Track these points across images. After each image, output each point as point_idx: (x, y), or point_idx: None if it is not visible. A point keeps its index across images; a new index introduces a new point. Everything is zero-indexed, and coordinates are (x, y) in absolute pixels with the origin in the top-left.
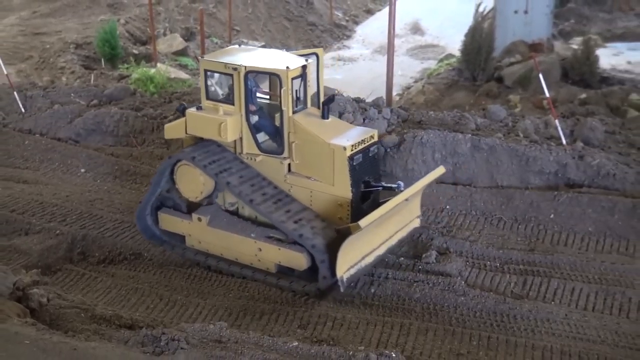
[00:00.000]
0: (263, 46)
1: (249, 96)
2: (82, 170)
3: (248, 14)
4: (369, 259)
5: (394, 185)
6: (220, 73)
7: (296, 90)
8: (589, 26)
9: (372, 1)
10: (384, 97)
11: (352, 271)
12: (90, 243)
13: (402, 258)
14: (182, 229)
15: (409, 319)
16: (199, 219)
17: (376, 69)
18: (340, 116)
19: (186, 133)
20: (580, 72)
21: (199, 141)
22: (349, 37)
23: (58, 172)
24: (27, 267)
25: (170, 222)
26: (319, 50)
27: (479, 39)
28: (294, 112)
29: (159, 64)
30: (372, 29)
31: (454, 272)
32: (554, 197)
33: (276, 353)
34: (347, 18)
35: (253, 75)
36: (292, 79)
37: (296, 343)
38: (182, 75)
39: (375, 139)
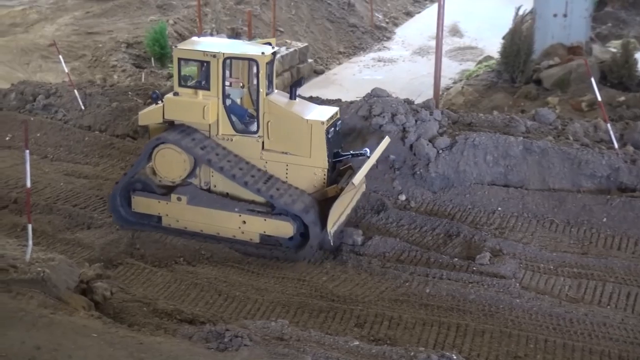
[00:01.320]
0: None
1: (224, 82)
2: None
3: (291, 16)
4: (343, 217)
5: (362, 152)
6: (196, 60)
7: (269, 75)
8: (627, 30)
9: (412, 4)
10: (432, 99)
11: (336, 227)
12: (148, 239)
13: (456, 259)
14: (159, 209)
15: (465, 320)
16: (178, 199)
17: (415, 70)
18: (393, 117)
19: (164, 118)
20: (619, 75)
21: (169, 127)
22: (388, 38)
23: (117, 168)
24: (90, 261)
25: (144, 204)
26: (272, 40)
27: (518, 41)
28: (266, 94)
29: None
30: (412, 31)
31: (508, 274)
32: (606, 200)
33: (338, 352)
34: (387, 20)
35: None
36: (266, 63)
37: (357, 342)
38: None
39: (339, 115)
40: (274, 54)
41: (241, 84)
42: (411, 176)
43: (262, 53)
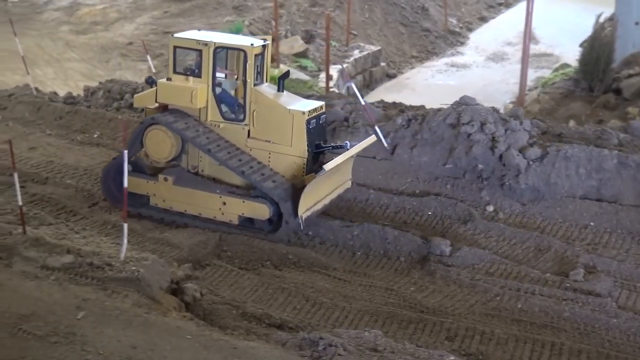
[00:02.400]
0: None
1: (215, 71)
2: None
3: (365, 19)
4: (319, 206)
5: (342, 144)
6: (190, 49)
7: (257, 66)
8: None
9: (486, 9)
10: (520, 108)
11: (308, 213)
12: (236, 241)
13: (548, 274)
14: (147, 189)
15: (560, 339)
16: (165, 179)
17: (489, 76)
18: (482, 126)
19: (156, 101)
20: None
21: (162, 110)
22: (462, 44)
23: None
24: (179, 261)
25: (134, 183)
26: (268, 37)
27: (597, 49)
28: (254, 85)
29: (281, 65)
30: (486, 36)
31: (604, 292)
32: None
33: None
34: (461, 25)
35: (220, 50)
36: (255, 55)
37: (452, 358)
38: (303, 76)
39: (324, 109)
40: (264, 47)
41: (235, 76)
42: (499, 187)
43: (251, 44)
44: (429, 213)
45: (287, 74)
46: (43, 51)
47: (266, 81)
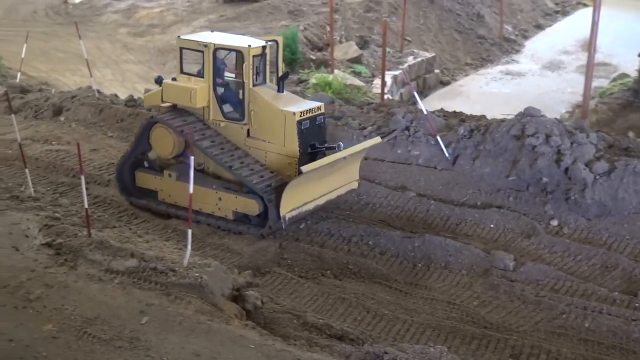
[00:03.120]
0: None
1: (216, 71)
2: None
3: (419, 25)
4: (309, 206)
5: (334, 146)
6: (193, 50)
7: (257, 67)
8: None
9: (543, 17)
10: (586, 121)
11: (294, 212)
12: (296, 249)
13: (616, 293)
14: (155, 184)
15: None
16: (169, 175)
17: (544, 85)
18: (547, 139)
19: (162, 101)
20: None
21: (169, 109)
22: (517, 51)
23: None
24: (239, 267)
25: (144, 179)
26: (278, 38)
27: None
28: (254, 85)
29: (335, 70)
30: (542, 44)
31: None
32: None
33: None
34: (516, 32)
35: (220, 51)
36: (253, 56)
37: None
38: (357, 82)
39: (322, 110)
40: (264, 47)
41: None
42: (564, 201)
43: (249, 45)
44: (491, 226)
45: (285, 75)
46: (102, 53)
47: (269, 81)
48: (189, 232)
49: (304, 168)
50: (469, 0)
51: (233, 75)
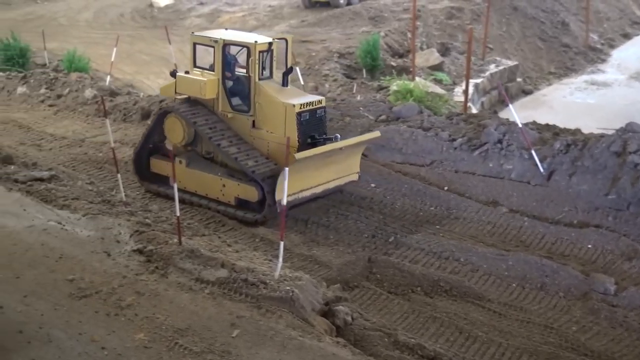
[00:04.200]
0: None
1: (226, 65)
2: (372, 185)
3: (502, 32)
4: (306, 193)
5: (332, 137)
6: (206, 45)
7: (263, 62)
8: None
9: (630, 25)
10: None
11: (289, 199)
12: (386, 264)
13: None
14: (167, 171)
15: None
16: (180, 162)
17: (631, 96)
18: None
19: (175, 92)
20: None
21: (185, 100)
22: (603, 61)
23: (348, 185)
24: (327, 280)
25: (158, 165)
26: (288, 37)
27: None
28: (260, 79)
29: (417, 78)
30: (629, 54)
31: None
32: None
33: None
34: (602, 41)
35: (229, 47)
36: (260, 51)
37: None
38: (438, 90)
39: (323, 104)
40: (270, 44)
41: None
42: None
43: (255, 41)
44: (589, 246)
45: (290, 69)
46: (184, 56)
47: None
48: (281, 244)
49: (297, 155)
50: (554, 7)
51: (244, 71)
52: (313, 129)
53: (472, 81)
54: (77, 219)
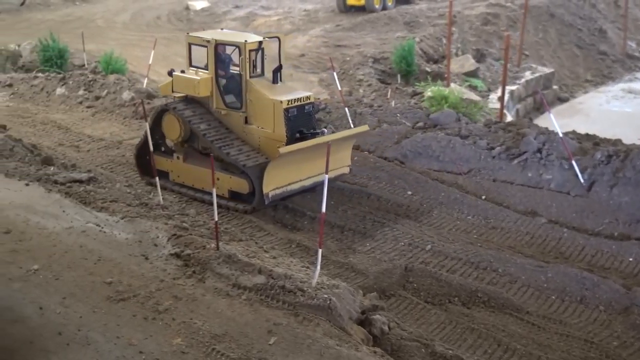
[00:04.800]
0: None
1: (219, 64)
2: (409, 192)
3: (538, 39)
4: (294, 186)
5: (319, 131)
6: (200, 45)
7: (254, 60)
8: None
9: None
10: None
11: (277, 191)
12: (423, 273)
13: None
14: (167, 166)
15: None
16: (178, 157)
17: None
18: None
19: (172, 90)
20: None
21: (183, 98)
22: None
23: (385, 192)
24: (363, 288)
25: (159, 161)
26: (280, 35)
27: None
28: (251, 77)
29: (452, 84)
30: None
31: None
32: None
33: None
34: None
35: (221, 47)
36: (250, 50)
37: None
38: (473, 96)
39: (311, 100)
40: (260, 42)
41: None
42: None
43: (245, 41)
44: (630, 259)
45: (279, 67)
46: None
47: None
48: (319, 252)
49: (282, 149)
50: (592, 15)
51: (238, 70)
52: (301, 124)
53: (507, 88)
54: (116, 222)
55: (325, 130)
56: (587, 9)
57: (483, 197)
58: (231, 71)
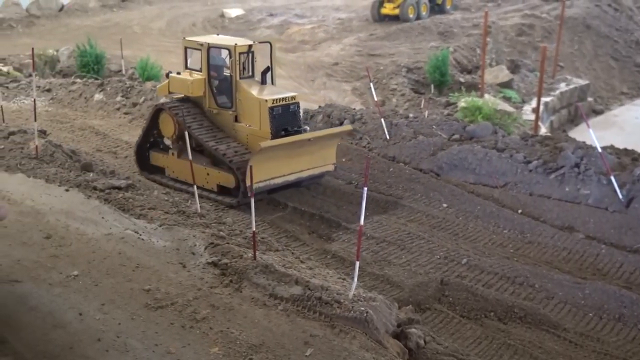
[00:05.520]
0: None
1: (212, 66)
2: (445, 205)
3: (574, 51)
4: (277, 181)
5: (301, 129)
6: (194, 48)
7: (243, 63)
8: None
9: None
10: None
11: (260, 184)
12: (459, 287)
13: None
14: (163, 162)
15: None
16: (172, 154)
17: None
18: None
19: (169, 91)
20: None
21: (180, 99)
22: None
23: (421, 204)
24: (399, 301)
25: (156, 157)
26: (272, 41)
27: None
28: (240, 78)
29: (486, 95)
30: None
31: None
32: None
33: None
34: None
35: (214, 50)
36: (240, 53)
37: None
38: (507, 107)
39: (296, 100)
40: (250, 46)
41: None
42: None
43: (235, 44)
44: None
45: (267, 69)
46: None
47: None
48: (357, 264)
49: (263, 143)
50: (628, 26)
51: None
52: (286, 122)
53: (542, 99)
54: (154, 229)
55: (307, 128)
56: (624, 21)
57: (519, 211)
58: (224, 73)
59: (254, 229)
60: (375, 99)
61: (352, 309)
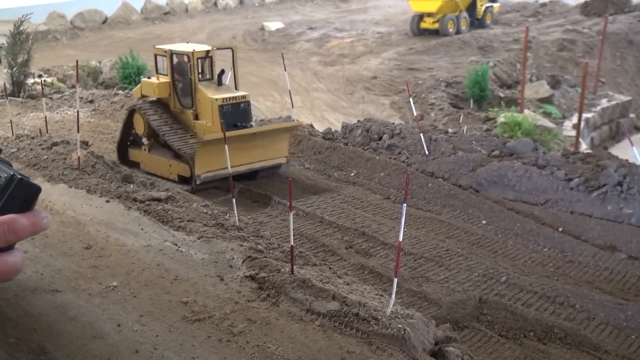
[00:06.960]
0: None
1: (175, 70)
2: (484, 222)
3: (616, 66)
4: (226, 171)
5: (247, 125)
6: (160, 55)
7: (201, 67)
8: None
9: None
10: None
11: (209, 174)
12: (497, 305)
13: None
14: (138, 157)
15: None
16: (144, 149)
17: None
18: None
19: (141, 93)
20: None
21: (152, 101)
22: None
23: (459, 220)
24: (436, 319)
25: (134, 153)
26: (233, 46)
27: None
28: (199, 80)
29: (525, 110)
30: None
31: None
32: None
33: None
34: None
35: (178, 55)
36: (197, 58)
37: None
38: (547, 123)
39: (247, 99)
40: (208, 52)
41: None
42: None
43: (194, 50)
44: None
45: (222, 71)
46: (293, 80)
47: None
48: (394, 280)
49: (205, 136)
50: None
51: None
52: (237, 118)
53: (583, 115)
54: (192, 241)
55: (253, 124)
56: None
57: (560, 229)
58: (189, 77)
59: (292, 243)
60: (414, 114)
61: (390, 325)
